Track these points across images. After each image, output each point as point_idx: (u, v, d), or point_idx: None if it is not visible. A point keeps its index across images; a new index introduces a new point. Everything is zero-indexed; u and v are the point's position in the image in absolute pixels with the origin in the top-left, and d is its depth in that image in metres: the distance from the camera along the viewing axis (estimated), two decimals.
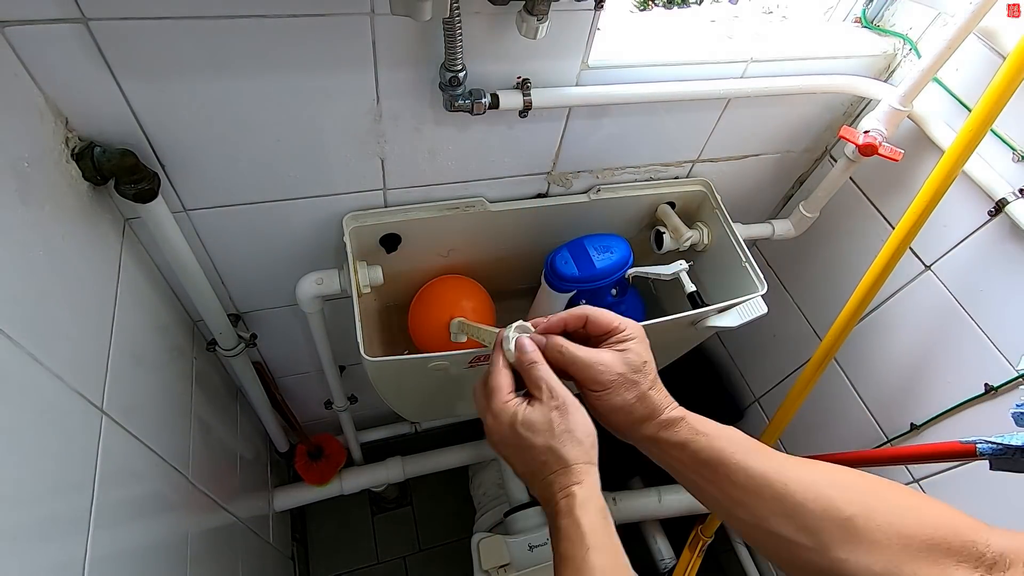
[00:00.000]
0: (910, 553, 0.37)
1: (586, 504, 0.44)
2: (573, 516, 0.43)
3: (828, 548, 0.39)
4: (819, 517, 0.40)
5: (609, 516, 0.45)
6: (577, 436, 0.47)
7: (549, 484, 0.46)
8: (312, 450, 1.40)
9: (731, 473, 0.44)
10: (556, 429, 0.46)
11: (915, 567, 0.37)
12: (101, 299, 0.64)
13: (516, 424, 0.47)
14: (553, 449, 0.46)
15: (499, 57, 0.69)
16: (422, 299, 0.97)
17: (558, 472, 0.46)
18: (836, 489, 0.41)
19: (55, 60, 0.54)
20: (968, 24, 0.68)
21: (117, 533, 0.58)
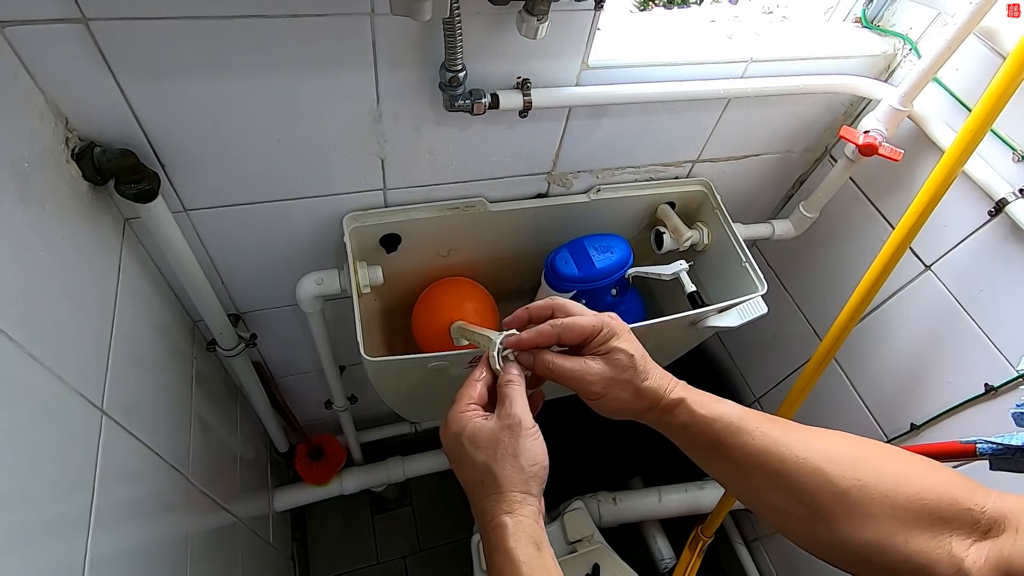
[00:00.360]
0: (904, 523, 0.38)
1: (517, 536, 0.42)
2: (504, 548, 0.41)
3: (824, 521, 0.41)
4: (814, 492, 0.41)
5: (545, 547, 0.43)
6: (520, 462, 0.44)
7: (482, 509, 0.45)
8: (312, 450, 1.40)
9: (729, 452, 0.45)
10: (499, 449, 0.45)
11: (908, 536, 0.37)
12: (101, 299, 0.64)
13: (463, 435, 0.46)
14: (490, 470, 0.44)
15: (499, 57, 0.69)
16: (425, 302, 0.97)
17: (491, 497, 0.44)
18: (832, 463, 0.41)
19: (55, 60, 0.54)
20: (968, 24, 0.68)
21: (117, 533, 0.58)
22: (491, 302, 0.99)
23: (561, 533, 1.25)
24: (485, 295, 0.99)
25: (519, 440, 0.45)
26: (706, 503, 1.39)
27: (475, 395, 0.49)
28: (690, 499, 1.40)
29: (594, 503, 1.36)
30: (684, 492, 1.41)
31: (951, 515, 0.37)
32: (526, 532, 0.42)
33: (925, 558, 0.37)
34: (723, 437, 0.45)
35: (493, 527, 0.43)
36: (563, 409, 1.51)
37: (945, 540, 0.37)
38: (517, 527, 0.42)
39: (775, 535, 1.42)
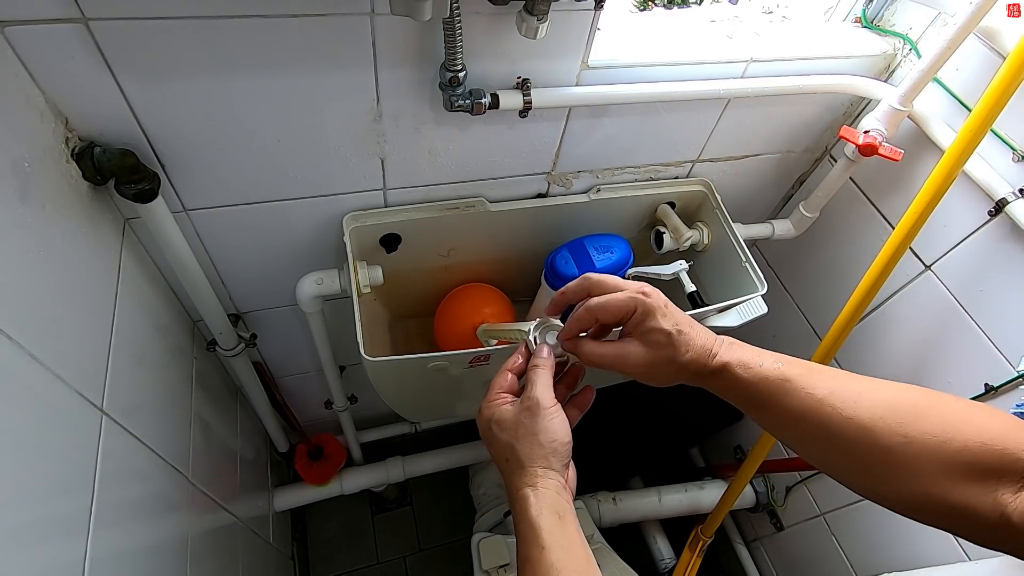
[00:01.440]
0: (950, 476, 0.39)
1: (539, 506, 0.45)
2: (527, 518, 0.45)
3: (871, 474, 0.42)
4: (860, 448, 0.42)
5: (568, 517, 0.45)
6: (539, 439, 0.48)
7: (509, 484, 0.48)
8: (312, 450, 1.40)
9: (775, 412, 0.46)
10: (520, 430, 0.48)
11: (952, 487, 0.38)
12: (101, 299, 0.64)
13: (491, 420, 0.50)
14: (513, 448, 0.48)
15: (499, 57, 0.69)
16: (445, 311, 1.00)
17: (516, 472, 0.48)
18: (880, 420, 0.42)
19: (55, 60, 0.54)
20: (968, 24, 0.68)
21: (117, 533, 0.58)
22: (509, 306, 1.01)
23: None
24: (503, 299, 1.01)
25: (538, 419, 0.48)
26: (706, 503, 1.39)
27: (505, 384, 0.53)
28: (690, 499, 1.40)
29: (594, 503, 1.36)
30: (684, 492, 1.41)
31: (1001, 464, 0.38)
32: (548, 503, 0.45)
33: (969, 505, 0.38)
34: (768, 399, 0.46)
35: (518, 499, 0.46)
36: None
37: (991, 488, 0.37)
38: (539, 499, 0.45)
39: (775, 535, 1.42)
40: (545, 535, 0.43)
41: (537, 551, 0.43)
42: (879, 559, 1.09)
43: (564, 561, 0.42)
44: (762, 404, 0.46)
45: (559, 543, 0.43)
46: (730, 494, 1.21)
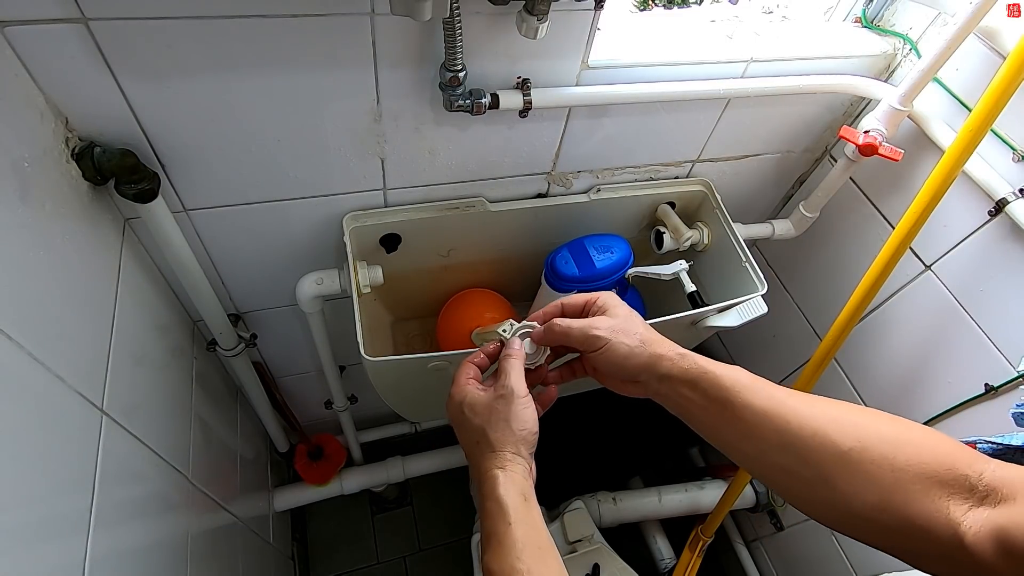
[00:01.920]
0: (903, 484, 0.39)
1: (507, 486, 0.47)
2: (495, 496, 0.47)
3: (826, 480, 0.42)
4: (817, 451, 0.42)
5: (532, 501, 0.48)
6: (512, 426, 0.50)
7: (477, 465, 0.50)
8: (312, 450, 1.40)
9: (737, 410, 0.46)
10: (492, 415, 0.50)
11: (907, 498, 0.38)
12: (101, 299, 0.64)
13: (463, 403, 0.52)
14: (485, 432, 0.50)
15: (499, 57, 0.69)
16: (447, 315, 1.01)
17: (486, 455, 0.50)
18: (834, 424, 0.42)
19: (55, 60, 0.54)
20: (968, 24, 0.68)
21: (117, 533, 0.58)
22: (511, 311, 1.02)
23: (561, 533, 1.25)
24: (505, 304, 1.02)
25: (511, 407, 0.50)
26: (706, 503, 1.39)
27: (471, 372, 0.55)
28: (690, 499, 1.40)
29: (594, 503, 1.36)
30: (684, 492, 1.41)
31: (949, 479, 0.38)
32: (515, 484, 0.48)
33: (924, 520, 0.37)
34: (732, 395, 0.46)
35: (487, 479, 0.48)
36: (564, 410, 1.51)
37: (944, 503, 0.37)
38: (507, 479, 0.48)
39: (775, 535, 1.42)
40: (512, 512, 0.46)
41: (504, 526, 0.45)
42: (879, 559, 1.09)
43: (529, 536, 0.45)
44: (724, 401, 0.47)
45: (524, 520, 0.46)
46: (730, 494, 1.21)
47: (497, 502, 0.46)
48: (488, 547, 0.46)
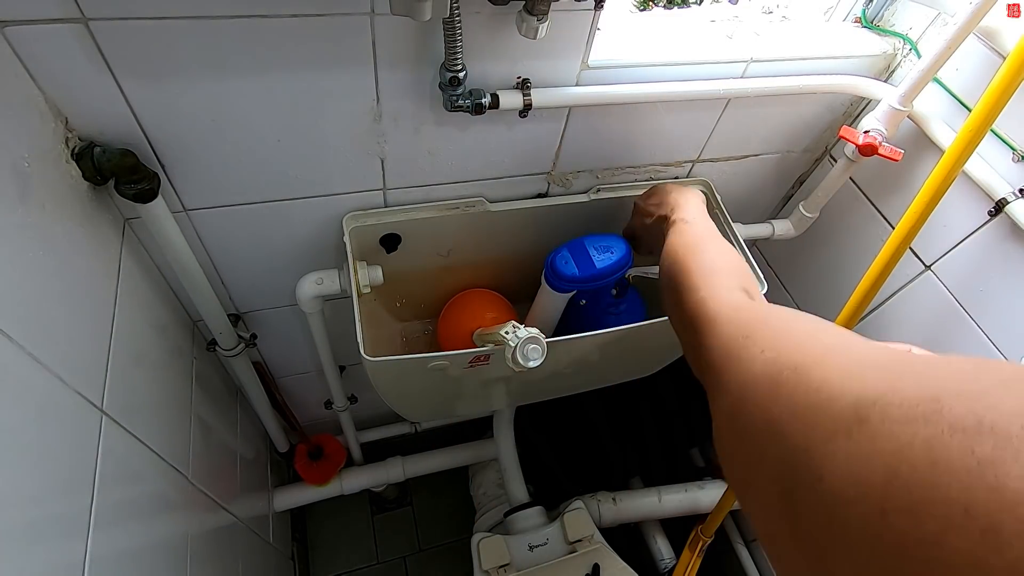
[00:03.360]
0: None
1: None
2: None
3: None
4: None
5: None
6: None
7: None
8: (312, 450, 1.40)
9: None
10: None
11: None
12: (101, 299, 0.64)
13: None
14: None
15: (499, 57, 0.69)
16: (448, 316, 1.00)
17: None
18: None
19: (55, 60, 0.54)
20: (968, 24, 0.68)
21: (117, 533, 0.58)
22: (512, 312, 1.02)
23: (561, 533, 1.25)
24: (506, 304, 1.02)
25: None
26: (706, 503, 1.39)
27: None
28: (690, 499, 1.40)
29: (594, 503, 1.36)
30: (684, 492, 1.41)
31: None
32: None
33: None
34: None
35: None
36: (564, 410, 1.51)
37: None
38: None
39: None
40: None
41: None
42: None
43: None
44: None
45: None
46: (730, 494, 1.20)
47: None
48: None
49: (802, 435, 0.26)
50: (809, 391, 0.28)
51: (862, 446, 0.23)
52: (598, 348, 0.86)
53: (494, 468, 1.54)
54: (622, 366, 1.04)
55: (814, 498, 0.25)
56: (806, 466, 0.25)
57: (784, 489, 0.27)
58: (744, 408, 0.33)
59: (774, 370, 0.32)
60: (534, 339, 0.62)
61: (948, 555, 0.18)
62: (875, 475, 0.22)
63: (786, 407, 0.29)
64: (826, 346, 0.31)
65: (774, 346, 0.34)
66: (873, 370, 0.26)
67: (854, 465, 0.23)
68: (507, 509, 1.36)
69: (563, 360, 0.87)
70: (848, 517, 0.22)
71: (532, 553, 1.22)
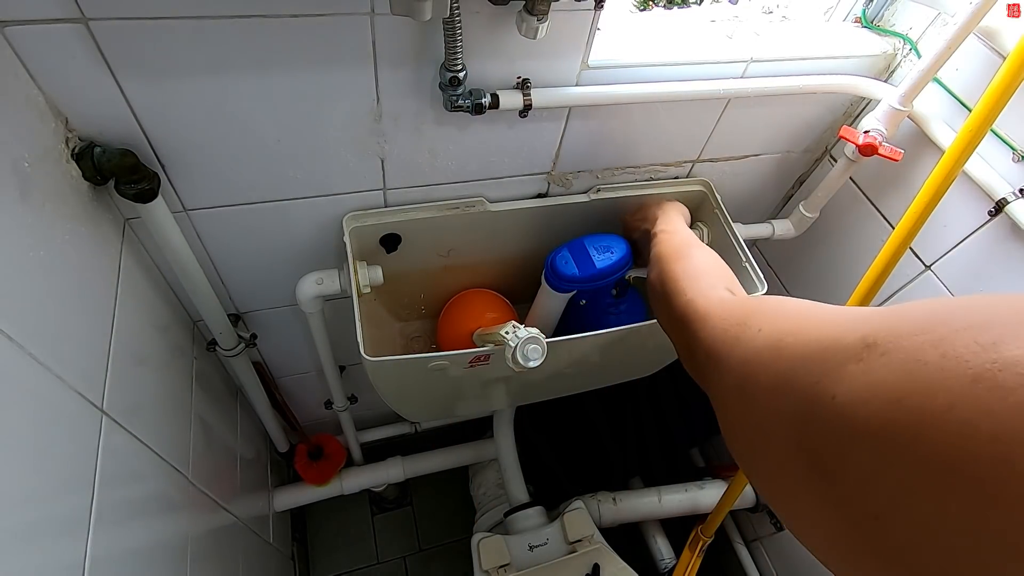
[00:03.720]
0: None
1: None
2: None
3: None
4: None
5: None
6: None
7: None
8: (312, 450, 1.40)
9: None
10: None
11: None
12: (101, 299, 0.64)
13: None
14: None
15: (499, 57, 0.69)
16: (448, 316, 1.00)
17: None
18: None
19: (55, 60, 0.54)
20: (968, 24, 0.68)
21: (117, 533, 0.58)
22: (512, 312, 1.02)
23: (561, 533, 1.25)
24: (506, 304, 1.02)
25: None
26: (706, 503, 1.39)
27: None
28: (690, 499, 1.40)
29: (594, 503, 1.36)
30: (684, 492, 1.41)
31: None
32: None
33: None
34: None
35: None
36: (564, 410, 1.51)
37: None
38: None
39: (775, 535, 1.42)
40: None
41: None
42: None
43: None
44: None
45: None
46: (730, 494, 1.20)
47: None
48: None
49: (814, 373, 0.28)
50: (812, 339, 0.30)
51: (873, 363, 0.25)
52: (598, 348, 0.86)
53: (494, 468, 1.54)
54: (622, 366, 1.04)
55: (829, 414, 0.26)
56: (819, 395, 0.26)
57: (799, 431, 0.28)
58: (750, 378, 0.34)
59: (775, 339, 0.33)
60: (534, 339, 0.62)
61: (960, 413, 0.20)
62: (888, 378, 0.23)
63: (793, 360, 0.30)
64: (821, 317, 0.32)
65: (772, 323, 0.36)
66: (871, 315, 0.28)
67: (869, 376, 0.24)
68: (507, 509, 1.36)
69: (563, 360, 0.87)
70: (862, 416, 0.24)
71: (532, 553, 1.22)
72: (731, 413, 0.36)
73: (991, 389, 0.20)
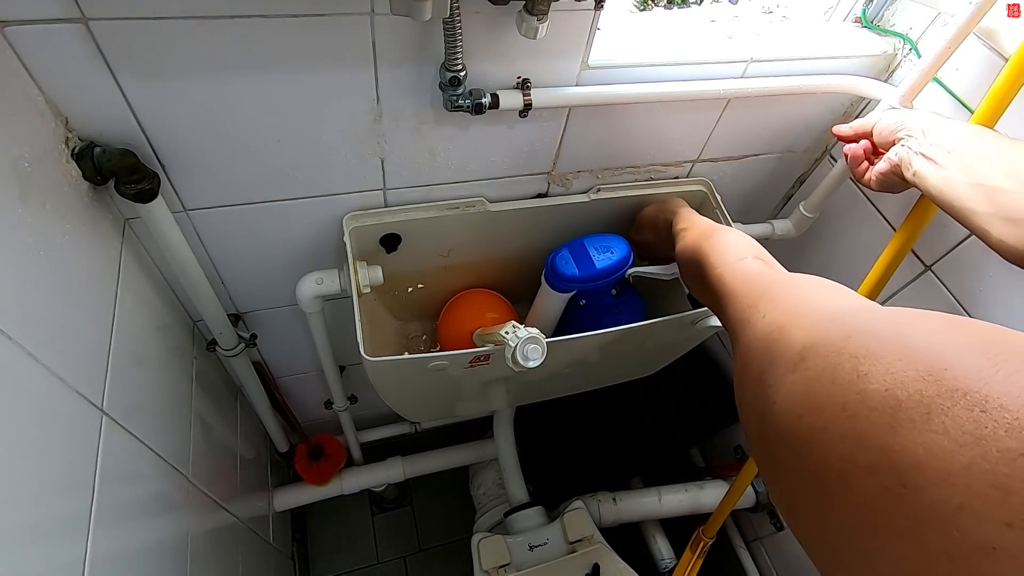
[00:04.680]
0: None
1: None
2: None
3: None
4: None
5: None
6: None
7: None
8: (312, 450, 1.40)
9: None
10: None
11: None
12: (101, 299, 0.64)
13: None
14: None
15: (499, 57, 0.69)
16: (448, 316, 1.00)
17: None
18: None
19: (55, 60, 0.54)
20: (968, 24, 0.68)
21: (117, 533, 0.58)
22: (512, 311, 1.02)
23: (561, 533, 1.25)
24: (506, 304, 1.02)
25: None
26: (706, 503, 1.39)
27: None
28: (690, 499, 1.40)
29: (594, 503, 1.36)
30: (684, 492, 1.41)
31: None
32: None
33: None
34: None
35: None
36: (564, 410, 1.51)
37: None
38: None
39: (775, 535, 1.42)
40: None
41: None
42: None
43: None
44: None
45: None
46: (732, 495, 1.20)
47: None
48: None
49: (771, 376, 0.34)
50: (780, 344, 0.36)
51: (798, 376, 0.31)
52: (598, 348, 0.86)
53: (494, 468, 1.54)
54: (622, 366, 1.04)
55: (769, 419, 0.32)
56: (769, 399, 0.33)
57: (759, 428, 0.34)
58: (747, 364, 0.39)
59: (767, 330, 0.39)
60: (534, 339, 0.62)
61: (828, 436, 0.27)
62: (800, 394, 0.30)
63: (767, 360, 0.36)
64: (811, 306, 0.38)
65: (772, 310, 0.41)
66: (827, 322, 0.33)
67: (792, 389, 0.31)
68: (507, 509, 1.36)
69: (563, 360, 0.87)
70: (782, 425, 0.31)
71: (532, 553, 1.22)
72: (735, 390, 0.41)
73: (852, 418, 0.26)
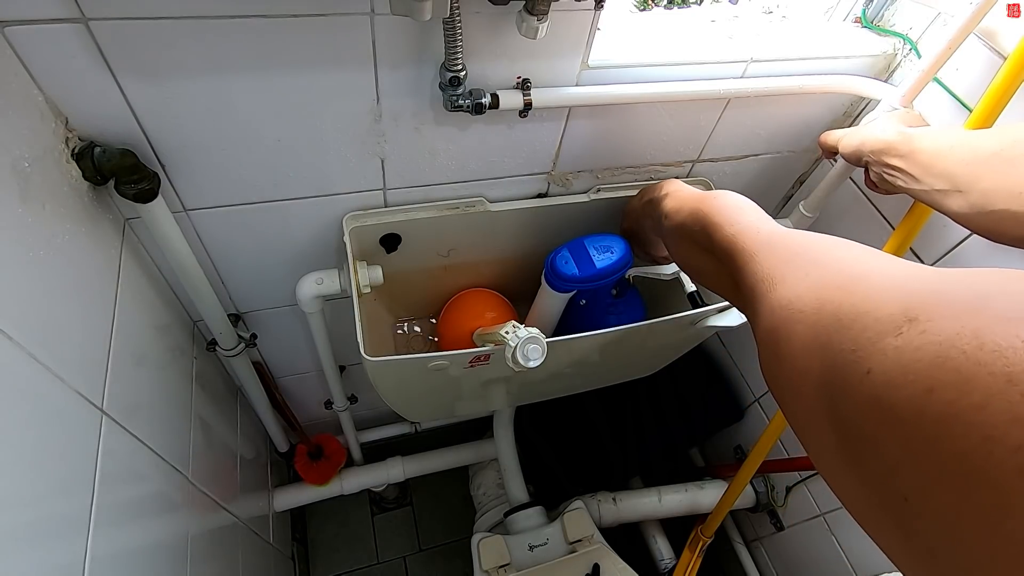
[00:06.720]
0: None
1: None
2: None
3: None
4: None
5: None
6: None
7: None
8: (312, 450, 1.40)
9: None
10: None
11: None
12: (101, 299, 0.64)
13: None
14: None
15: (499, 57, 0.69)
16: (448, 315, 1.00)
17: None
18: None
19: (55, 60, 0.54)
20: (968, 24, 0.68)
21: (117, 533, 0.58)
22: (512, 311, 1.02)
23: (561, 533, 1.25)
24: (506, 304, 1.02)
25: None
26: (706, 503, 1.39)
27: None
28: (690, 499, 1.40)
29: (594, 503, 1.36)
30: (684, 492, 1.41)
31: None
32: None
33: None
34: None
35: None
36: (564, 409, 1.51)
37: None
38: None
39: (775, 535, 1.42)
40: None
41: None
42: (879, 559, 1.09)
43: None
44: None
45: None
46: (730, 494, 1.21)
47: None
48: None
49: (850, 340, 0.27)
50: (855, 303, 0.29)
51: (911, 340, 0.24)
52: (598, 348, 0.86)
53: (494, 468, 1.54)
54: (622, 366, 1.04)
55: (861, 391, 0.26)
56: (854, 365, 0.26)
57: (830, 401, 0.28)
58: (785, 325, 0.34)
59: (818, 289, 0.33)
60: (534, 339, 0.62)
61: (990, 416, 0.20)
62: (923, 361, 0.23)
63: (831, 321, 0.30)
64: (869, 266, 0.32)
65: (817, 269, 0.35)
66: (917, 280, 0.28)
67: (903, 356, 0.24)
68: (507, 509, 1.36)
69: (563, 360, 0.87)
70: (894, 400, 0.24)
71: (532, 553, 1.22)
72: (765, 356, 0.36)
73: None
